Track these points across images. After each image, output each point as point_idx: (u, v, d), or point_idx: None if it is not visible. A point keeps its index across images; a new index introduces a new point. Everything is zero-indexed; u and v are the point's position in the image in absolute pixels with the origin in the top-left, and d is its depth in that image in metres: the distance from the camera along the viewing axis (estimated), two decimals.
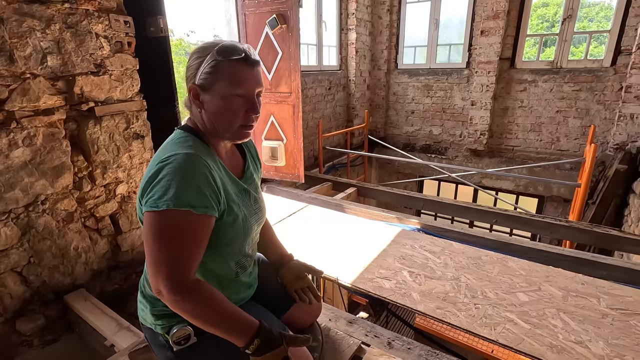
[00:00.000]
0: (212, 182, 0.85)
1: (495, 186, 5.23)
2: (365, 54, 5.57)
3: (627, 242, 2.49)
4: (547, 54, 7.00)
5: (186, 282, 0.80)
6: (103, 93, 1.82)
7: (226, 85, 0.86)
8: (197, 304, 0.81)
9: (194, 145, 0.87)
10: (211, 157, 0.90)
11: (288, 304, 1.15)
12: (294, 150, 3.30)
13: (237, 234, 0.94)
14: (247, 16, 3.13)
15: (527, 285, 1.80)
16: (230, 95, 0.87)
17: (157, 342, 1.00)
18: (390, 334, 1.47)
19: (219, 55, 0.85)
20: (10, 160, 1.53)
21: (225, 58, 0.85)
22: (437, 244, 2.24)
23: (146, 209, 0.80)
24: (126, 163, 1.98)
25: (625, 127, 4.07)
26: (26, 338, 1.65)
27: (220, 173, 0.91)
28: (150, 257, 0.80)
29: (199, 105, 0.90)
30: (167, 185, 0.79)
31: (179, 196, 0.79)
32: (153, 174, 0.82)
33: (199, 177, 0.82)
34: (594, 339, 1.43)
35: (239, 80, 0.87)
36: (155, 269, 0.79)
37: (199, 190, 0.81)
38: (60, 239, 1.75)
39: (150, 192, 0.80)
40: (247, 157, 1.08)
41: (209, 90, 0.87)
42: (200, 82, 0.87)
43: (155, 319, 0.96)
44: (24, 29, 1.50)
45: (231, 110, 0.88)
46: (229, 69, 0.86)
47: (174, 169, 0.80)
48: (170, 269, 0.79)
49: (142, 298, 1.01)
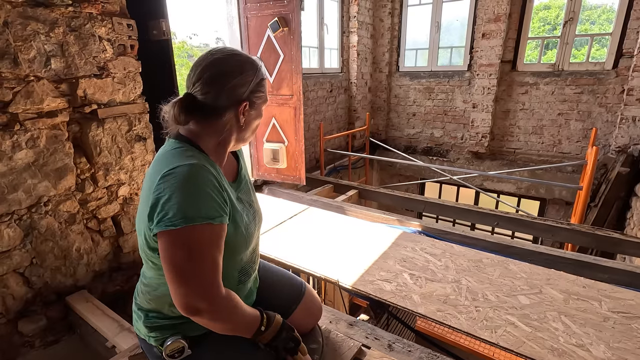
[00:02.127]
0: (221, 189, 0.84)
1: (496, 189, 5.22)
2: (366, 57, 5.59)
3: (629, 245, 2.49)
4: (549, 57, 7.01)
5: (222, 294, 0.81)
6: (106, 95, 1.83)
7: (265, 99, 0.96)
8: (232, 314, 0.84)
9: (194, 155, 0.85)
10: (213, 166, 0.88)
11: (290, 309, 1.15)
12: (295, 152, 3.31)
13: (240, 242, 0.93)
14: (249, 19, 3.15)
15: (528, 288, 1.80)
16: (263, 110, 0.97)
17: (152, 353, 1.00)
18: (390, 336, 1.47)
19: (264, 74, 0.94)
20: (13, 162, 1.54)
21: (265, 77, 0.95)
22: (438, 247, 2.23)
23: (161, 228, 0.76)
24: (128, 165, 1.99)
25: (627, 129, 4.07)
26: (28, 339, 1.66)
27: (222, 180, 0.89)
28: (180, 277, 0.76)
29: (242, 121, 0.92)
30: (179, 200, 0.76)
31: (196, 210, 0.76)
32: (160, 189, 0.78)
33: (209, 187, 0.80)
34: (595, 342, 1.43)
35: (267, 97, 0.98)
36: (189, 289, 0.76)
37: (213, 200, 0.80)
38: (63, 240, 1.76)
39: (163, 210, 0.76)
40: (239, 159, 1.09)
41: (255, 105, 0.94)
42: (252, 99, 0.92)
43: (149, 330, 0.95)
44: (28, 32, 1.52)
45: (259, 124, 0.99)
46: (266, 85, 0.96)
47: (182, 182, 0.77)
48: (207, 286, 0.78)
49: (136, 309, 1.00)
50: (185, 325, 0.93)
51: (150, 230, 0.80)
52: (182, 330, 0.93)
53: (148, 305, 0.96)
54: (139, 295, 1.00)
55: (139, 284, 1.01)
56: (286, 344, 0.92)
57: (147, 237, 0.83)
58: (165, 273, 0.78)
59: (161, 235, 0.77)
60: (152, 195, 0.79)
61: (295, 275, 1.31)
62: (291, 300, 1.17)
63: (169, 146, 0.88)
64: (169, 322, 0.94)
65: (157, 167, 0.83)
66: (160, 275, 0.87)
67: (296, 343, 0.94)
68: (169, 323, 0.94)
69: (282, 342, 0.91)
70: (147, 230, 0.82)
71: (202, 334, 0.96)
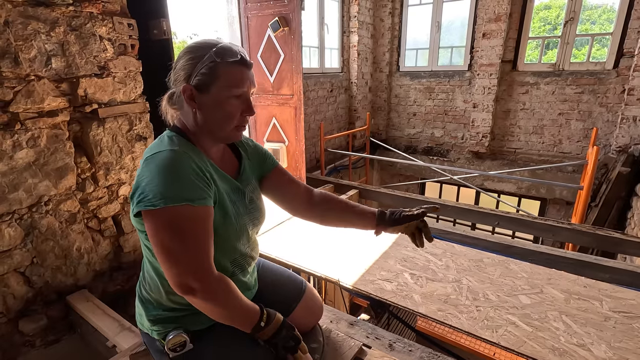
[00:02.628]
0: (201, 173, 0.85)
1: (497, 188, 5.21)
2: (367, 57, 5.59)
3: (630, 245, 2.48)
4: (549, 57, 7.00)
5: (214, 274, 0.81)
6: (106, 95, 1.83)
7: (224, 86, 0.87)
8: (227, 298, 0.83)
9: (178, 143, 0.87)
10: (197, 154, 0.89)
11: (290, 307, 1.15)
12: (295, 152, 3.31)
13: (230, 231, 0.93)
14: (249, 19, 3.15)
15: (529, 287, 1.80)
16: (228, 96, 0.88)
17: (155, 347, 1.00)
18: (391, 336, 1.47)
19: (217, 56, 0.85)
20: (14, 161, 1.54)
21: (223, 60, 0.86)
22: (439, 246, 2.23)
23: (141, 208, 0.79)
24: (129, 164, 1.99)
25: (628, 129, 4.06)
26: (29, 338, 1.66)
27: (208, 168, 0.90)
28: (170, 257, 0.79)
29: (193, 106, 0.89)
30: (159, 182, 0.79)
31: (175, 192, 0.78)
32: (141, 173, 0.82)
33: (188, 171, 0.82)
34: (596, 341, 1.43)
35: (236, 82, 0.88)
36: (179, 268, 0.78)
37: (192, 183, 0.81)
38: (63, 239, 1.76)
39: (143, 192, 0.79)
40: (242, 159, 1.07)
41: (206, 91, 0.87)
42: (196, 83, 0.86)
43: (152, 324, 0.96)
44: (29, 32, 1.52)
45: (228, 112, 0.89)
46: (227, 70, 0.86)
47: (162, 166, 0.80)
48: (197, 265, 0.79)
49: (139, 302, 1.01)
50: (187, 319, 0.94)
51: (132, 211, 0.82)
52: (184, 324, 0.94)
53: (148, 296, 0.97)
54: (140, 286, 1.01)
55: (142, 276, 1.02)
56: (286, 342, 0.91)
57: (133, 222, 0.86)
58: (157, 256, 0.80)
59: (145, 216, 0.80)
60: (135, 179, 0.83)
61: (295, 273, 1.31)
62: (291, 299, 1.16)
63: (162, 136, 0.92)
64: (171, 315, 0.94)
65: (145, 153, 0.88)
66: (153, 260, 0.90)
67: (296, 342, 0.93)
68: (170, 315, 0.94)
69: (282, 340, 0.91)
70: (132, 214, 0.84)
71: (204, 329, 0.96)
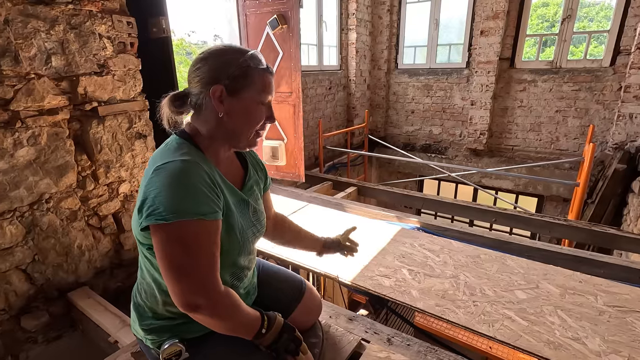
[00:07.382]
0: (213, 185, 0.83)
1: (494, 185, 5.24)
2: (365, 54, 5.59)
3: (625, 241, 2.51)
4: (547, 54, 7.02)
5: (221, 290, 0.79)
6: (106, 93, 1.84)
7: (256, 92, 0.87)
8: (233, 311, 0.82)
9: (189, 152, 0.84)
10: (207, 165, 0.86)
11: (290, 308, 1.15)
12: (294, 149, 3.32)
13: (233, 246, 0.90)
14: (248, 16, 3.15)
15: (525, 283, 1.82)
16: (257, 102, 0.89)
17: (150, 354, 0.99)
18: (390, 330, 1.49)
19: (251, 61, 0.86)
20: (15, 159, 1.55)
21: (256, 65, 0.87)
22: (437, 243, 2.25)
23: (151, 221, 0.75)
24: (129, 162, 2.00)
25: (624, 126, 4.09)
26: (31, 334, 1.67)
27: (217, 179, 0.87)
28: (177, 273, 0.75)
29: (220, 109, 0.85)
30: (171, 195, 0.75)
31: (188, 206, 0.76)
32: (151, 183, 0.77)
33: (200, 183, 0.79)
34: (590, 335, 1.45)
35: (267, 88, 0.89)
36: (187, 285, 0.75)
37: (205, 196, 0.79)
38: (64, 237, 1.77)
39: (153, 204, 0.75)
40: (248, 167, 1.05)
41: (236, 94, 0.86)
42: (227, 85, 0.84)
43: (146, 333, 0.93)
44: (29, 30, 1.52)
45: (255, 117, 0.90)
46: (259, 76, 0.87)
47: (173, 177, 0.77)
48: (205, 281, 0.77)
49: (133, 309, 0.98)
50: (182, 327, 0.92)
51: (139, 224, 0.78)
52: (179, 333, 0.92)
53: (143, 303, 0.95)
54: (136, 293, 1.00)
55: (138, 282, 1.00)
56: (287, 346, 0.90)
57: (136, 234, 0.83)
58: (162, 270, 0.77)
59: (154, 230, 0.76)
60: (143, 189, 0.79)
61: (294, 273, 1.31)
62: (292, 299, 1.16)
63: (169, 142, 0.89)
64: (166, 324, 0.92)
65: (153, 163, 0.83)
66: (153, 271, 0.88)
67: (297, 344, 0.92)
68: (165, 324, 0.92)
69: (284, 344, 0.90)
70: (136, 225, 0.81)
71: (199, 336, 0.94)
